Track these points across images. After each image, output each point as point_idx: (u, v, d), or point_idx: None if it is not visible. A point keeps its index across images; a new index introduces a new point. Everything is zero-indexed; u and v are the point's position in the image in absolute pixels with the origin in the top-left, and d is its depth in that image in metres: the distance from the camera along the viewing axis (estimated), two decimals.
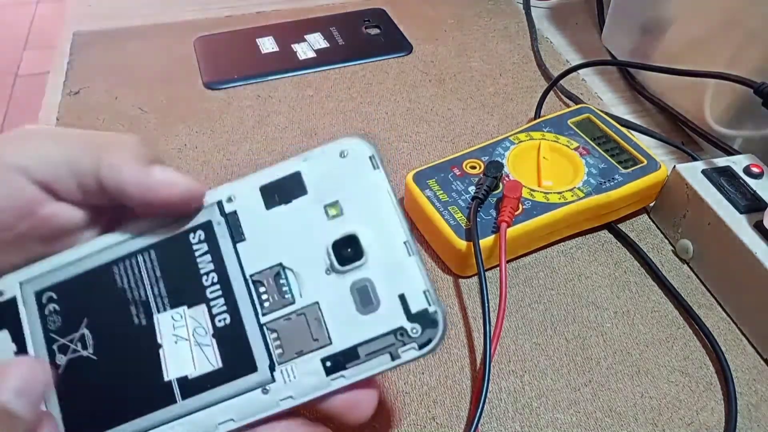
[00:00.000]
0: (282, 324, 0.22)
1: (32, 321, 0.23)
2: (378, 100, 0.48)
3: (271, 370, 0.21)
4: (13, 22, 1.94)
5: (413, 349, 0.21)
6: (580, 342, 0.33)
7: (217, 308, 0.22)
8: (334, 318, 0.21)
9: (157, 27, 0.55)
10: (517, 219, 0.34)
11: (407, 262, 0.21)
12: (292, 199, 0.23)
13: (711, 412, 0.30)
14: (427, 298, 0.21)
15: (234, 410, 0.21)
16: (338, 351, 0.21)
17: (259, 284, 0.22)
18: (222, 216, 0.23)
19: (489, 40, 0.55)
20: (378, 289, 0.21)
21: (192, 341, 0.22)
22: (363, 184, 0.22)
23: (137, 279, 0.23)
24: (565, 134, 0.40)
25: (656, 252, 0.38)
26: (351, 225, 0.22)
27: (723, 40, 0.41)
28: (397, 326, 0.21)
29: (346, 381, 0.21)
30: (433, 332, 0.21)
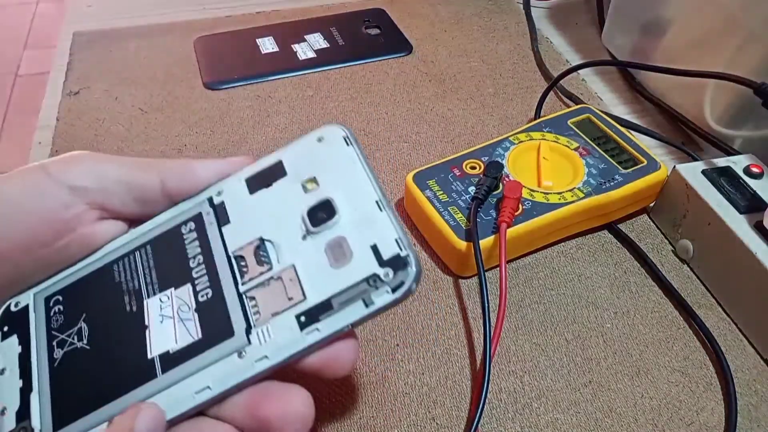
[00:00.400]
0: (259, 290, 0.22)
1: (38, 323, 0.24)
2: (378, 100, 0.48)
3: (248, 333, 0.22)
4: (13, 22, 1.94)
5: (386, 292, 0.21)
6: (580, 342, 0.33)
7: (201, 285, 0.23)
8: (309, 276, 0.22)
9: (157, 27, 0.55)
10: (517, 219, 0.34)
11: (379, 216, 0.22)
12: (272, 182, 0.24)
13: (711, 412, 0.30)
14: (399, 245, 0.21)
15: (210, 377, 0.21)
16: (312, 305, 0.21)
17: (240, 259, 0.23)
18: (211, 207, 0.25)
19: (489, 40, 0.55)
20: (351, 244, 0.22)
21: (176, 318, 0.23)
22: (338, 159, 0.24)
23: (133, 272, 0.24)
24: (565, 134, 0.40)
25: (656, 252, 0.38)
26: (325, 193, 0.23)
27: (723, 40, 0.41)
28: (370, 273, 0.21)
29: (320, 334, 0.21)
30: (404, 274, 0.21)
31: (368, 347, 0.32)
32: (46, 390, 0.23)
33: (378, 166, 0.43)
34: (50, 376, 0.23)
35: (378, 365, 0.32)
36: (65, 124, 0.45)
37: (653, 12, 0.47)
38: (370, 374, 0.31)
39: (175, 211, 0.25)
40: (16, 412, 0.23)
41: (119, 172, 0.24)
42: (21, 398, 0.23)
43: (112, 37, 0.54)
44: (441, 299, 0.35)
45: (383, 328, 0.33)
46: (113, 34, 0.54)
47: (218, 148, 0.44)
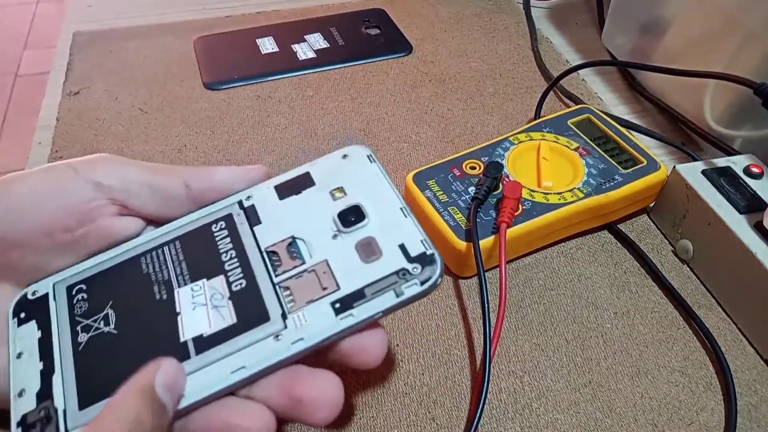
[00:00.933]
0: (293, 281, 0.24)
1: (60, 309, 0.25)
2: (378, 100, 0.48)
3: (284, 318, 0.23)
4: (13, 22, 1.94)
5: (415, 285, 0.23)
6: (580, 342, 0.33)
7: (234, 276, 0.25)
8: (341, 269, 0.24)
9: (157, 27, 0.55)
10: (517, 219, 0.34)
11: (404, 221, 0.25)
12: (302, 191, 0.27)
13: (711, 413, 0.30)
14: (425, 245, 0.24)
15: (246, 358, 0.22)
16: (346, 294, 0.23)
17: (272, 254, 0.25)
18: (241, 209, 0.27)
19: (489, 40, 0.55)
20: (380, 243, 0.24)
21: (209, 305, 0.24)
22: (362, 174, 0.26)
23: (162, 264, 0.25)
24: (565, 134, 0.40)
25: (656, 252, 0.38)
26: (353, 199, 0.26)
27: (723, 40, 0.41)
28: (399, 267, 0.23)
29: (354, 320, 0.23)
30: (432, 270, 0.23)
31: None
32: (71, 372, 0.23)
33: None
34: (74, 359, 0.24)
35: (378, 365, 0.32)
36: (65, 124, 0.45)
37: (653, 12, 0.47)
38: (370, 374, 0.31)
39: (203, 212, 0.27)
40: (37, 394, 0.23)
41: (143, 175, 0.26)
42: (42, 380, 0.23)
43: (112, 37, 0.54)
44: (441, 299, 0.35)
45: (383, 328, 0.33)
46: (113, 34, 0.54)
47: (218, 148, 0.44)
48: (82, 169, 0.25)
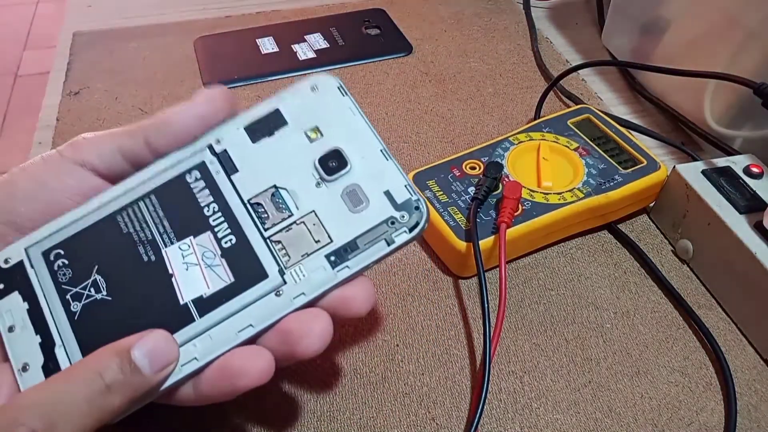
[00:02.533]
0: (284, 234, 0.24)
1: (42, 278, 0.24)
2: (378, 100, 0.48)
3: (281, 274, 0.23)
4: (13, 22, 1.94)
5: (404, 232, 0.24)
6: (580, 342, 0.33)
7: (222, 232, 0.24)
8: (330, 221, 0.24)
9: (157, 27, 0.55)
10: (517, 220, 0.34)
11: (386, 165, 0.24)
12: (274, 131, 0.25)
13: (711, 413, 0.30)
14: (409, 191, 0.24)
15: (251, 317, 0.23)
16: (339, 246, 0.24)
17: (257, 206, 0.25)
18: (213, 155, 0.25)
19: (489, 40, 0.55)
20: (365, 191, 0.24)
21: (202, 265, 0.24)
22: (336, 110, 0.25)
23: (141, 222, 0.25)
24: (565, 135, 0.40)
25: (656, 252, 0.38)
26: (332, 142, 0.25)
27: (723, 40, 0.41)
28: (388, 216, 0.24)
29: (350, 271, 0.23)
30: (418, 216, 0.24)
31: (368, 347, 0.32)
32: (73, 342, 0.23)
33: None
34: (73, 329, 0.23)
35: (378, 365, 0.32)
36: (65, 124, 0.45)
37: (653, 12, 0.47)
38: (370, 374, 0.31)
39: (172, 159, 0.26)
40: (42, 367, 0.23)
41: (113, 144, 0.26)
42: (44, 353, 0.23)
43: (112, 37, 0.54)
44: (441, 299, 0.35)
45: (383, 328, 0.33)
46: (113, 34, 0.54)
47: None
48: (66, 153, 0.25)
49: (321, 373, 0.31)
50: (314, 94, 0.26)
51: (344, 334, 0.33)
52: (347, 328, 0.33)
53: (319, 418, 0.30)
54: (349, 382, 0.31)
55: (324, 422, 0.29)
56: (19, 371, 0.23)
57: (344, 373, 0.31)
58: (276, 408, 0.30)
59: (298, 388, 0.31)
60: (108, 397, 0.21)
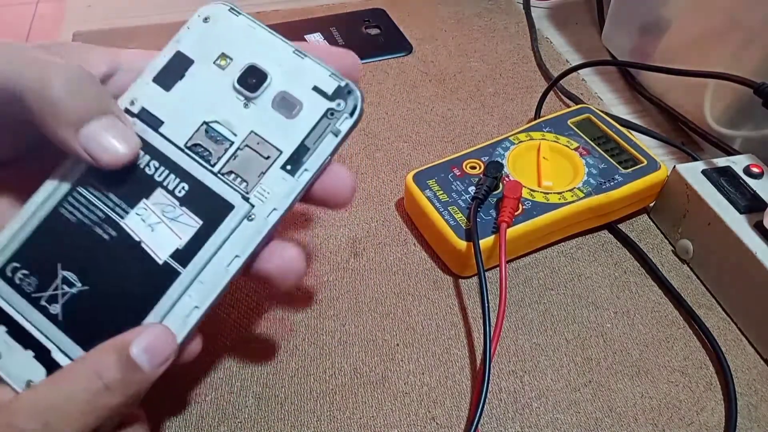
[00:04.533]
0: (233, 163, 0.24)
1: (8, 296, 0.24)
2: (378, 100, 0.48)
3: (246, 200, 0.24)
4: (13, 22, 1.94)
5: (346, 118, 0.24)
6: (580, 342, 0.33)
7: (172, 184, 0.24)
8: (272, 134, 0.24)
9: (157, 27, 0.55)
10: (517, 219, 0.34)
11: (304, 63, 0.24)
12: (184, 73, 0.25)
13: (711, 412, 0.30)
14: (335, 79, 0.24)
15: (234, 248, 0.23)
16: (290, 153, 0.24)
17: (196, 147, 0.24)
18: (133, 117, 0.25)
19: (489, 40, 0.55)
20: (294, 94, 0.24)
21: (165, 220, 0.24)
22: (235, 31, 0.25)
23: (87, 205, 0.24)
24: (565, 134, 0.40)
25: (656, 252, 0.38)
26: (244, 61, 0.24)
27: (723, 40, 0.41)
28: (325, 109, 0.24)
29: (309, 173, 0.24)
30: (354, 98, 0.24)
31: (368, 347, 0.32)
32: (67, 342, 0.23)
33: (378, 166, 0.43)
34: (63, 330, 0.23)
35: (378, 365, 0.32)
36: None
37: (653, 12, 0.47)
38: (370, 374, 0.31)
39: None
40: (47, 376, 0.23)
41: None
42: (43, 363, 0.23)
43: (112, 37, 0.54)
44: (441, 299, 0.35)
45: (383, 328, 0.33)
46: (113, 34, 0.54)
47: None
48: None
49: (321, 373, 0.31)
50: (209, 24, 0.25)
51: (344, 333, 0.33)
52: (348, 327, 0.33)
53: (319, 418, 0.30)
54: (349, 381, 0.31)
55: (324, 422, 0.29)
56: (24, 390, 0.23)
57: (344, 372, 0.31)
58: (276, 408, 0.30)
59: (298, 388, 0.31)
60: (107, 397, 0.21)
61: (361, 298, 0.35)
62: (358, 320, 0.34)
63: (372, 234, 0.38)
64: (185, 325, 0.23)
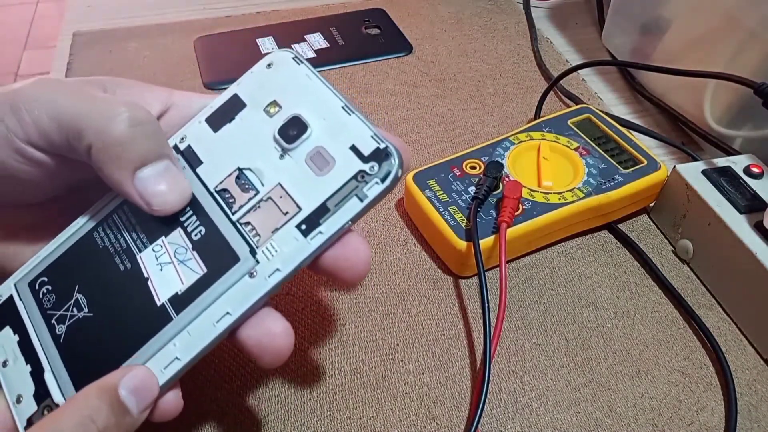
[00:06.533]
0: (252, 214, 0.23)
1: (30, 309, 0.24)
2: (378, 100, 0.48)
3: (253, 254, 0.22)
4: (13, 22, 1.94)
5: (376, 184, 0.22)
6: (580, 342, 0.33)
7: (191, 226, 0.24)
8: (297, 189, 0.23)
9: (157, 27, 0.55)
10: (517, 219, 0.34)
11: (349, 120, 0.23)
12: (234, 116, 0.25)
13: (711, 413, 0.30)
14: (376, 140, 0.22)
15: (227, 304, 0.22)
16: (309, 212, 0.22)
17: (223, 192, 0.24)
18: (178, 154, 0.25)
19: (489, 40, 0.55)
20: (330, 150, 0.23)
21: (175, 261, 0.23)
22: (293, 80, 0.24)
23: (116, 234, 0.25)
24: (565, 134, 0.40)
25: (656, 252, 0.38)
26: (290, 111, 0.24)
27: (723, 40, 0.41)
28: (356, 171, 0.22)
29: (323, 237, 0.22)
30: (389, 164, 0.22)
31: (368, 347, 0.32)
32: (59, 365, 0.23)
33: None
34: (59, 352, 0.23)
35: (378, 365, 0.32)
36: None
37: (653, 12, 0.47)
38: (370, 374, 0.31)
39: None
40: (34, 396, 0.23)
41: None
42: (35, 381, 0.23)
43: (112, 37, 0.54)
44: (441, 299, 0.35)
45: (383, 328, 0.33)
46: (113, 34, 0.54)
47: None
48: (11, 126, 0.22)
49: (321, 373, 0.31)
50: (270, 70, 0.25)
51: (344, 333, 0.33)
52: (348, 327, 0.33)
53: (319, 417, 0.30)
54: (349, 381, 0.31)
55: (324, 422, 0.29)
56: (14, 404, 0.23)
57: (344, 372, 0.31)
58: (276, 408, 0.30)
59: (298, 388, 0.31)
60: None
61: (361, 298, 0.35)
62: (358, 320, 0.33)
63: (372, 234, 0.38)
64: (163, 375, 0.22)
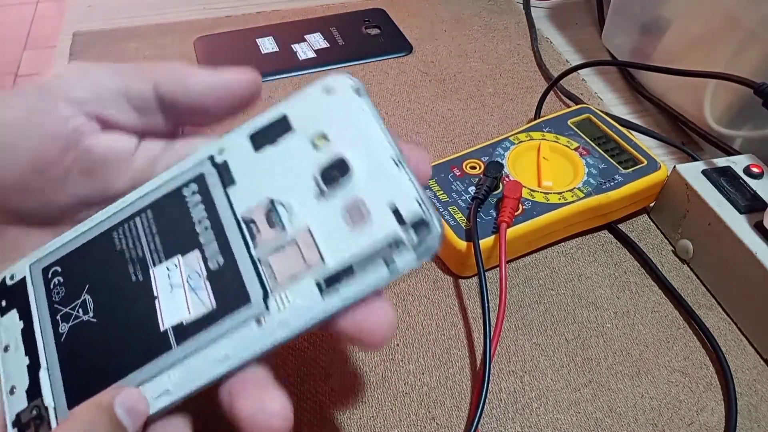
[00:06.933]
0: (274, 255, 0.21)
1: (38, 297, 0.24)
2: (378, 100, 0.48)
3: (265, 299, 0.21)
4: (13, 22, 1.94)
5: (409, 255, 0.20)
6: (580, 342, 0.33)
7: (210, 251, 0.22)
8: (326, 239, 0.21)
9: (157, 27, 0.55)
10: (517, 219, 0.34)
11: (396, 174, 0.21)
12: (278, 139, 0.23)
13: (711, 413, 0.30)
14: (420, 204, 0.20)
15: (229, 347, 0.21)
16: (331, 269, 0.20)
17: (250, 222, 0.22)
18: (213, 167, 0.23)
19: (489, 40, 0.55)
20: (368, 204, 0.21)
21: (186, 287, 0.22)
22: (348, 113, 0.22)
23: (135, 239, 0.23)
24: (565, 134, 0.40)
25: (656, 252, 0.38)
26: (337, 150, 0.22)
27: (723, 40, 0.41)
28: (392, 235, 0.20)
29: (340, 300, 0.20)
30: (427, 236, 0.20)
31: None
32: (56, 366, 0.22)
33: None
34: (58, 352, 0.23)
35: (378, 365, 0.32)
36: None
37: (653, 12, 0.47)
38: (370, 374, 0.31)
39: (174, 171, 0.24)
40: (26, 391, 0.22)
41: (113, 79, 0.23)
42: (30, 376, 0.22)
43: (112, 37, 0.54)
44: (441, 299, 0.35)
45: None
46: (113, 34, 0.54)
47: None
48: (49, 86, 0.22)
49: (321, 373, 0.31)
50: (326, 96, 0.23)
51: None
52: None
53: (319, 418, 0.30)
54: (349, 381, 0.31)
55: (324, 422, 0.29)
56: (7, 393, 0.22)
57: (344, 373, 0.31)
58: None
59: (298, 388, 0.31)
60: None
61: None
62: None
63: None
64: (153, 404, 0.21)
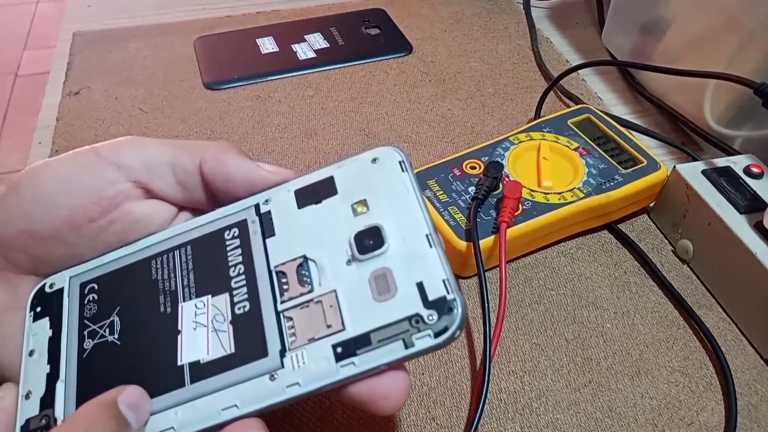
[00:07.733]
0: (298, 311, 0.22)
1: (72, 309, 0.24)
2: (378, 100, 0.48)
3: (281, 355, 0.21)
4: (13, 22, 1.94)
5: (428, 336, 0.20)
6: (580, 342, 0.33)
7: (239, 297, 0.23)
8: (349, 306, 0.21)
9: (157, 27, 0.55)
10: (517, 219, 0.34)
11: (428, 252, 0.21)
12: (322, 199, 0.24)
13: (711, 413, 0.30)
14: (446, 287, 0.21)
15: (239, 396, 0.21)
16: (350, 337, 0.21)
17: (281, 275, 0.23)
18: (257, 215, 0.24)
19: (489, 40, 0.55)
20: (396, 277, 0.21)
21: (210, 327, 0.23)
22: (390, 185, 0.23)
23: (170, 271, 0.24)
24: (565, 134, 0.40)
25: (656, 252, 0.38)
26: (375, 218, 0.23)
27: (723, 40, 0.41)
28: (413, 313, 0.20)
29: (355, 369, 0.20)
30: (450, 320, 0.20)
31: None
32: (73, 380, 0.23)
33: None
34: (78, 367, 0.23)
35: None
36: (65, 124, 0.45)
37: (653, 12, 0.47)
38: None
39: (220, 213, 0.25)
40: (41, 399, 0.23)
41: (163, 152, 0.25)
42: (47, 385, 0.23)
43: (112, 37, 0.54)
44: None
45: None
46: (113, 34, 0.54)
47: None
48: (103, 151, 0.24)
49: None
50: (372, 165, 0.24)
51: None
52: None
53: (319, 418, 0.30)
54: None
55: (324, 422, 0.29)
56: (22, 397, 0.23)
57: None
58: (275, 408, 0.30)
59: None
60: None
61: None
62: None
63: None
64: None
